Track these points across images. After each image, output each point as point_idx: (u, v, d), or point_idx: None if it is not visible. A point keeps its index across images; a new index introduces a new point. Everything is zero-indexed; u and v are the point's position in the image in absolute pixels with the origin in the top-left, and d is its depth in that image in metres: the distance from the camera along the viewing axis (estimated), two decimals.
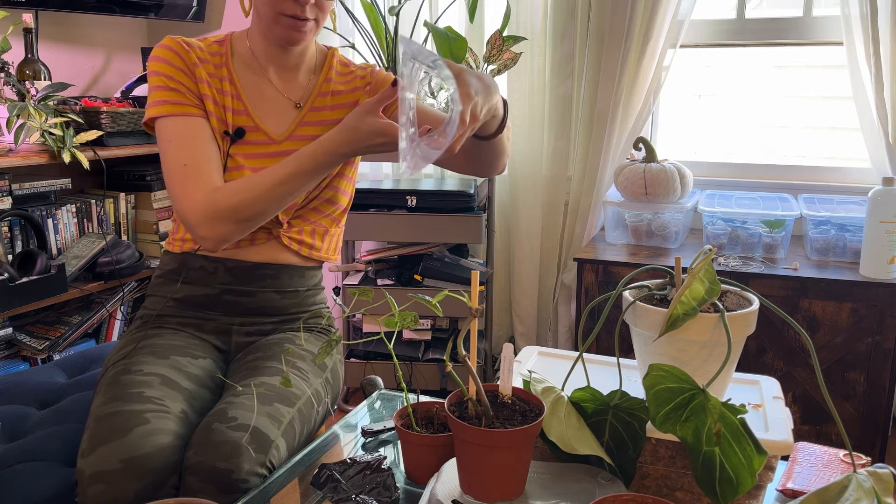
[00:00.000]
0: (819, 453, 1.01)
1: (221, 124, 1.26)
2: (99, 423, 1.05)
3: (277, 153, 1.27)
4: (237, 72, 1.29)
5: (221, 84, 1.27)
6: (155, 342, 1.22)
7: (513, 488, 0.83)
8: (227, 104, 1.27)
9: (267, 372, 1.18)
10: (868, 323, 1.90)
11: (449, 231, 2.32)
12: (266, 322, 1.32)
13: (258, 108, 1.29)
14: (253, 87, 1.29)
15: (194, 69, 1.24)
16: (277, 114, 1.30)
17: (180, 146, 1.19)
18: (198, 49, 1.27)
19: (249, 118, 1.27)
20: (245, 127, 1.27)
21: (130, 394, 1.08)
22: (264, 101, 1.29)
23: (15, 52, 2.17)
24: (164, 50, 1.24)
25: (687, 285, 0.88)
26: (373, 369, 2.44)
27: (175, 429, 1.06)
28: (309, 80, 1.33)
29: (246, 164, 1.25)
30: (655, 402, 0.85)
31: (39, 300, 2.09)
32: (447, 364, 0.96)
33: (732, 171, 2.54)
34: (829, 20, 2.32)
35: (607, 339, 2.11)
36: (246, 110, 1.27)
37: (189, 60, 1.24)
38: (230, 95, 1.27)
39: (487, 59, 2.34)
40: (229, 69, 1.29)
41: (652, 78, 2.35)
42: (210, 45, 1.30)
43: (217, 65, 1.28)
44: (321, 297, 1.42)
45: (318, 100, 1.32)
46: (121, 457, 1.00)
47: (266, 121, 1.29)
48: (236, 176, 1.24)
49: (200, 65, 1.25)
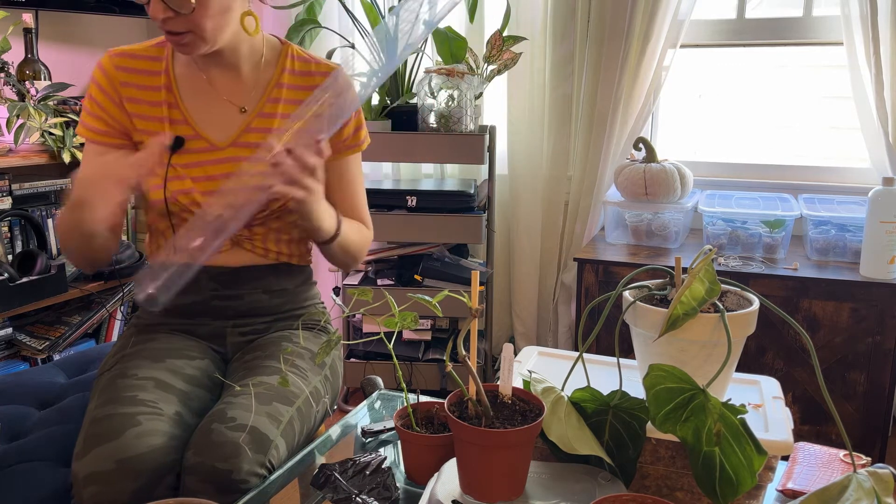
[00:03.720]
0: (819, 453, 1.01)
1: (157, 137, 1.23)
2: (92, 426, 1.05)
3: (221, 160, 1.23)
4: (178, 76, 1.25)
5: (158, 94, 1.24)
6: (150, 346, 1.22)
7: (513, 488, 0.83)
8: (164, 115, 1.23)
9: (265, 371, 1.18)
10: (868, 323, 1.90)
11: (449, 231, 2.32)
12: (259, 322, 1.32)
13: (199, 114, 1.24)
14: (194, 91, 1.25)
15: (121, 90, 1.22)
16: (220, 119, 1.25)
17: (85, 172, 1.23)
18: (130, 59, 1.24)
19: (189, 126, 1.23)
20: (185, 136, 1.23)
21: (124, 397, 1.08)
22: (206, 106, 1.25)
23: (15, 52, 2.17)
24: (97, 71, 1.24)
25: (687, 285, 0.88)
26: (373, 369, 2.44)
27: (168, 430, 1.06)
28: (257, 79, 1.27)
29: (187, 173, 1.22)
30: (655, 402, 0.85)
31: (39, 300, 2.09)
32: (447, 364, 0.96)
33: (732, 171, 2.54)
34: (829, 20, 2.32)
35: (607, 339, 2.11)
36: (185, 119, 1.24)
37: (115, 82, 1.22)
38: (166, 105, 1.23)
39: (487, 59, 2.34)
40: (168, 75, 1.25)
41: (652, 78, 2.35)
42: (149, 50, 1.26)
43: (154, 72, 1.24)
44: (313, 292, 1.40)
45: (269, 105, 1.26)
46: (114, 458, 1.00)
47: (208, 127, 1.24)
48: (178, 186, 1.22)
49: (129, 80, 1.23)
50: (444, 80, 2.25)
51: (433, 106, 2.29)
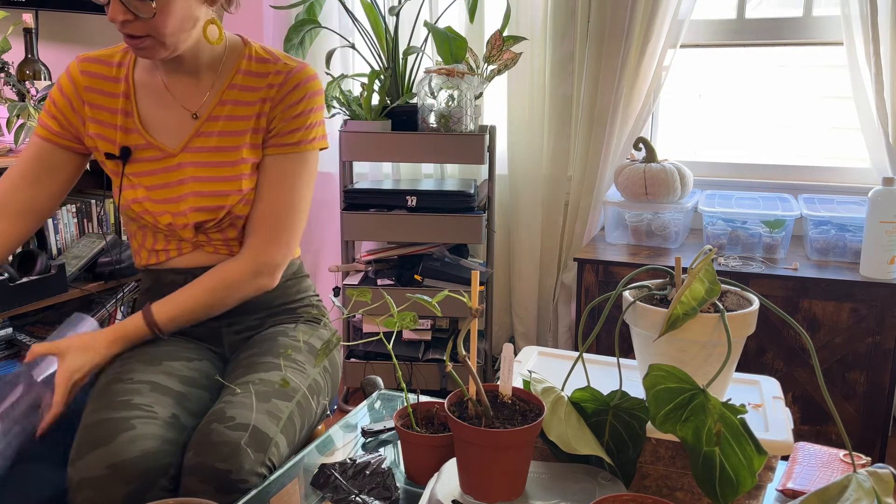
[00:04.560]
0: (819, 453, 1.01)
1: (108, 142, 1.24)
2: (86, 432, 1.05)
3: (173, 167, 1.23)
4: (137, 82, 1.26)
5: (116, 101, 1.24)
6: (147, 349, 1.22)
7: (513, 488, 0.83)
8: (117, 123, 1.24)
9: (263, 368, 1.18)
10: (868, 323, 1.90)
11: (449, 231, 2.32)
12: (253, 318, 1.32)
13: (153, 122, 1.24)
14: (151, 97, 1.25)
15: (84, 95, 1.24)
16: (174, 125, 1.24)
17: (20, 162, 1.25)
18: (97, 65, 1.25)
19: (141, 135, 1.24)
20: (135, 145, 1.23)
21: (118, 402, 1.09)
22: (161, 113, 1.24)
23: (15, 52, 2.17)
24: (64, 76, 1.26)
25: (687, 285, 0.88)
26: (373, 369, 2.44)
27: (162, 433, 1.06)
28: (213, 84, 1.25)
29: (140, 181, 1.23)
30: (655, 402, 0.85)
31: (39, 300, 2.09)
32: (447, 364, 0.96)
33: (732, 171, 2.54)
34: (829, 20, 2.32)
35: (607, 339, 2.11)
36: (137, 128, 1.24)
37: (79, 87, 1.24)
38: (121, 113, 1.24)
39: (487, 59, 2.34)
40: (128, 81, 1.25)
41: (652, 78, 2.35)
42: (114, 55, 1.27)
43: (115, 78, 1.25)
44: (306, 285, 1.39)
45: (218, 108, 1.24)
46: (107, 463, 1.00)
47: (161, 134, 1.24)
48: (131, 195, 1.23)
49: (95, 88, 1.24)
50: (444, 80, 2.25)
51: (433, 106, 2.29)
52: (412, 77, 2.43)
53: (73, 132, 1.25)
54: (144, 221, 1.24)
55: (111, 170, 1.26)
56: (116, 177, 1.25)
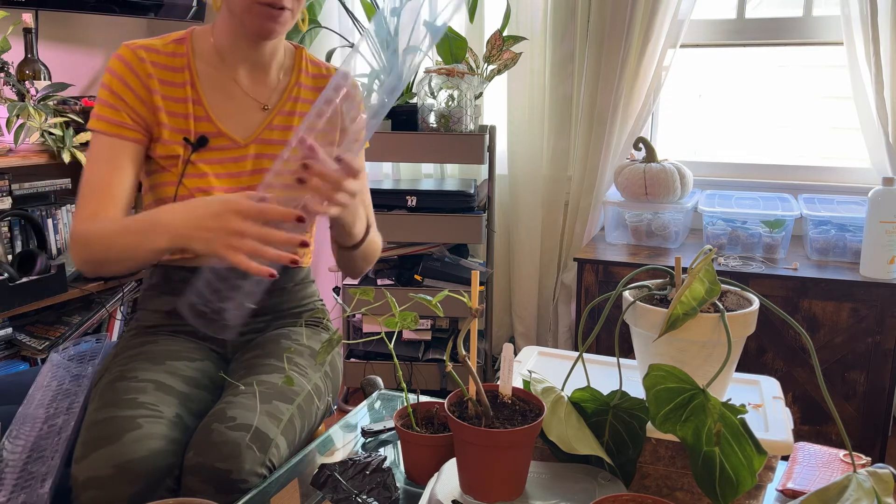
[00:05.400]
0: (819, 453, 1.01)
1: (180, 133, 1.21)
2: (91, 430, 1.05)
3: (243, 157, 1.24)
4: (200, 73, 1.24)
5: (181, 90, 1.22)
6: (150, 348, 1.22)
7: (513, 488, 0.83)
8: (189, 111, 1.22)
9: (265, 370, 1.18)
10: (868, 323, 1.90)
11: (449, 231, 2.32)
12: (258, 321, 1.32)
13: (222, 112, 1.24)
14: (217, 88, 1.24)
15: (148, 81, 1.19)
16: (243, 116, 1.25)
17: (96, 167, 1.17)
18: (154, 53, 1.21)
19: (212, 123, 1.23)
20: (207, 133, 1.22)
21: (123, 400, 1.08)
22: (229, 104, 1.24)
23: (15, 52, 2.17)
24: (117, 62, 1.19)
25: (687, 285, 0.88)
26: (373, 369, 2.44)
27: (168, 433, 1.06)
28: (279, 80, 1.29)
29: (209, 170, 1.22)
30: (655, 402, 0.85)
31: (39, 300, 2.09)
32: (447, 364, 0.96)
33: (732, 171, 2.54)
34: (829, 20, 2.32)
35: (607, 339, 2.11)
36: (208, 116, 1.23)
37: (143, 73, 1.19)
38: (191, 101, 1.22)
39: (487, 58, 2.34)
40: (191, 71, 1.23)
41: (652, 78, 2.35)
42: (168, 46, 1.24)
43: (176, 68, 1.23)
44: (311, 290, 1.40)
45: (289, 103, 1.28)
46: (113, 462, 1.00)
47: (230, 124, 1.24)
48: (198, 183, 1.21)
49: (155, 73, 1.20)
50: (444, 79, 2.25)
51: (433, 106, 2.29)
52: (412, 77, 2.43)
53: (142, 123, 1.20)
54: None
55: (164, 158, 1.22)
56: (176, 166, 1.21)
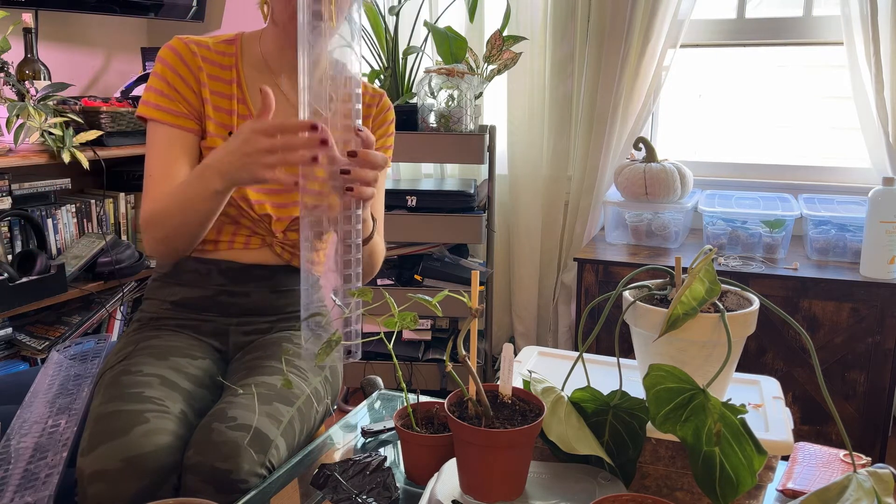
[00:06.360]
0: (819, 453, 1.01)
1: (224, 128, 1.24)
2: (99, 423, 1.04)
3: None
4: (246, 75, 1.27)
5: (228, 87, 1.25)
6: (154, 343, 1.22)
7: (513, 488, 0.83)
8: (234, 108, 1.25)
9: (266, 371, 1.18)
10: (868, 323, 1.90)
11: (449, 231, 2.32)
12: (263, 321, 1.32)
13: None
14: None
15: (198, 74, 1.23)
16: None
17: (156, 155, 1.20)
18: (205, 49, 1.25)
19: None
20: None
21: (130, 394, 1.08)
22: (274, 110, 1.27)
23: (15, 52, 2.17)
24: (169, 52, 1.23)
25: (687, 285, 0.88)
26: (373, 369, 2.44)
27: (175, 429, 1.06)
28: None
29: None
30: (655, 402, 0.85)
31: (39, 300, 2.09)
32: (447, 364, 0.96)
33: (732, 171, 2.54)
34: (829, 20, 2.32)
35: (607, 339, 2.11)
36: (251, 115, 1.26)
37: (194, 65, 1.23)
38: (237, 99, 1.26)
39: (487, 58, 2.34)
40: (238, 71, 1.27)
41: (652, 78, 2.35)
42: (218, 45, 1.28)
43: (225, 66, 1.26)
44: (318, 296, 1.41)
45: None
46: (121, 456, 0.99)
47: None
48: None
49: (205, 67, 1.24)
50: (444, 79, 2.25)
51: (433, 106, 2.29)
52: (412, 77, 2.43)
53: (195, 112, 1.23)
54: (230, 210, 1.23)
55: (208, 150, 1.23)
56: None
